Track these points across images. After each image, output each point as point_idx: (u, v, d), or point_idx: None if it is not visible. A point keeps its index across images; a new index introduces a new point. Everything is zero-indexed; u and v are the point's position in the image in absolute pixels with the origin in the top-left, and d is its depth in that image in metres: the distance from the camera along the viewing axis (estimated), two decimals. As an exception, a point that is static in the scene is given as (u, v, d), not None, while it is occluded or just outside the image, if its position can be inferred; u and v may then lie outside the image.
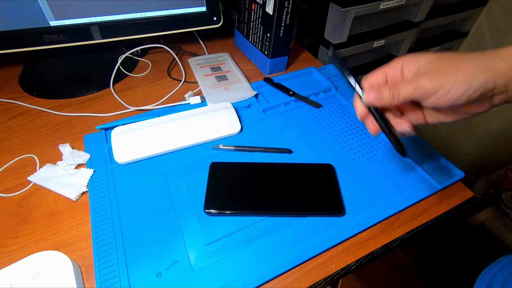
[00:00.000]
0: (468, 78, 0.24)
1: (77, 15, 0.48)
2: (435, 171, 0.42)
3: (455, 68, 0.24)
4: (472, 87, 0.24)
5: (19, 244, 0.34)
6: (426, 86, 0.25)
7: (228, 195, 0.38)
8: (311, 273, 0.33)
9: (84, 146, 0.44)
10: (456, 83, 0.24)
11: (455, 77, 0.24)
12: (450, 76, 0.24)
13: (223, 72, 0.58)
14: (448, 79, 0.24)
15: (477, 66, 0.24)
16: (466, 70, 0.24)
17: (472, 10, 0.93)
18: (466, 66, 0.24)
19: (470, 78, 0.24)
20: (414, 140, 0.46)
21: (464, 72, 0.24)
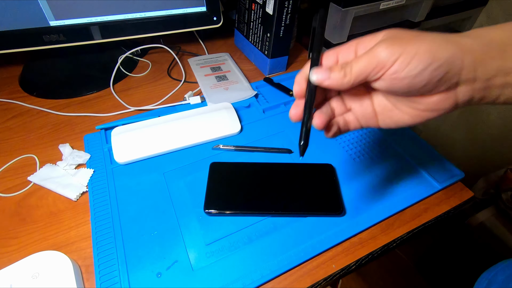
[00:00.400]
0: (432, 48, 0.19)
1: (77, 15, 0.48)
2: (435, 171, 0.42)
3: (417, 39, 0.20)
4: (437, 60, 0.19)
5: (19, 244, 0.34)
6: (381, 55, 0.20)
7: (228, 195, 0.38)
8: (311, 273, 0.33)
9: (84, 146, 0.44)
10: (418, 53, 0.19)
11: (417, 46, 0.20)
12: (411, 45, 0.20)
13: (223, 72, 0.58)
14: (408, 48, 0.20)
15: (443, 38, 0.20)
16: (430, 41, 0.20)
17: (472, 10, 0.93)
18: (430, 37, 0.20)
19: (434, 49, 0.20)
20: (414, 140, 0.46)
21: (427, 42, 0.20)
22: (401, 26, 0.80)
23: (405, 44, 0.20)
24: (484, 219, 0.88)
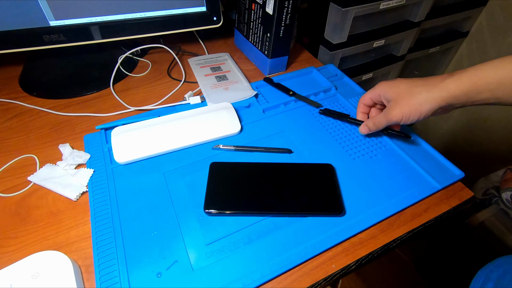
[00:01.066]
0: (418, 110, 0.36)
1: (77, 15, 0.48)
2: (435, 171, 0.42)
3: (408, 102, 0.36)
4: (422, 114, 0.36)
5: (19, 244, 0.34)
6: (393, 119, 0.38)
7: (228, 195, 0.38)
8: (311, 273, 0.33)
9: (84, 146, 0.44)
10: (411, 114, 0.37)
11: (409, 111, 0.37)
12: (405, 108, 0.37)
13: (223, 72, 0.58)
14: (405, 111, 0.37)
15: (424, 100, 0.35)
16: (416, 104, 0.36)
17: (472, 10, 0.93)
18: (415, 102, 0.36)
19: (419, 110, 0.36)
20: (414, 140, 0.46)
21: (414, 106, 0.36)
22: (401, 26, 0.80)
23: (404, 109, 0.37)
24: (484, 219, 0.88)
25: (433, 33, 0.95)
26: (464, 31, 1.01)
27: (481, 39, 0.99)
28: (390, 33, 0.78)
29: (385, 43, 0.79)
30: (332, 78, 0.59)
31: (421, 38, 0.91)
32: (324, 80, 0.57)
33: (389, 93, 0.39)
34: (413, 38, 0.86)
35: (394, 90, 0.38)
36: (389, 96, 0.39)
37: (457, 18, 0.92)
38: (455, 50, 1.07)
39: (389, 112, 0.38)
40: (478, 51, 1.02)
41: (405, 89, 0.37)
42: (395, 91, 0.38)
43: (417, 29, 0.83)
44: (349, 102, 0.52)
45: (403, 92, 0.37)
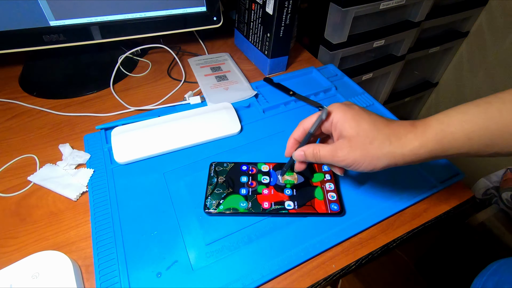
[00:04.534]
0: (372, 162, 0.29)
1: (77, 15, 0.48)
2: (435, 171, 0.42)
3: (365, 152, 0.29)
4: (376, 167, 0.30)
5: (19, 244, 0.34)
6: (341, 162, 0.31)
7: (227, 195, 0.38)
8: (311, 273, 0.33)
9: (84, 146, 0.44)
10: (364, 163, 0.30)
11: (363, 160, 0.29)
12: (360, 157, 0.29)
13: (223, 72, 0.58)
14: (359, 159, 0.30)
15: (382, 153, 0.29)
16: (372, 156, 0.29)
17: (472, 10, 0.93)
18: (373, 153, 0.29)
19: (373, 163, 0.29)
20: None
21: (370, 158, 0.29)
22: (401, 26, 0.80)
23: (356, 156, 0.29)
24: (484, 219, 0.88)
25: (433, 33, 0.95)
26: (464, 31, 1.01)
27: (481, 39, 0.99)
28: (390, 33, 0.78)
29: (385, 43, 0.79)
30: (332, 78, 0.59)
31: (421, 38, 0.91)
32: (324, 80, 0.57)
33: (346, 127, 0.30)
34: (413, 38, 0.86)
35: (353, 126, 0.30)
36: (346, 132, 0.30)
37: (457, 18, 0.92)
38: (455, 50, 1.07)
39: (339, 152, 0.30)
40: (478, 51, 1.02)
41: (367, 130, 0.29)
42: (354, 128, 0.30)
43: (417, 29, 0.83)
44: (349, 102, 0.52)
45: (364, 134, 0.29)
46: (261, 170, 0.40)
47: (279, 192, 0.38)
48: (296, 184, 0.39)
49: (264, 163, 0.41)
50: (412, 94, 1.14)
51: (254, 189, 0.38)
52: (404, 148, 0.29)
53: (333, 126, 0.32)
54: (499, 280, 0.41)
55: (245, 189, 0.38)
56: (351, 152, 0.30)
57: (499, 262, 0.44)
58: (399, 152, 0.29)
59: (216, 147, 0.44)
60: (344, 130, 0.30)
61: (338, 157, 0.30)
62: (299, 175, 0.40)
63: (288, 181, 0.39)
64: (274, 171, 0.40)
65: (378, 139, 0.29)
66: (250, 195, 0.37)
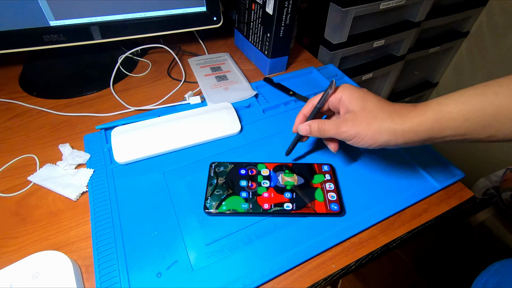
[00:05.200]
0: (373, 136, 0.31)
1: (77, 15, 0.48)
2: (435, 171, 0.42)
3: (368, 125, 0.31)
4: (377, 142, 0.31)
5: (19, 244, 0.34)
6: (344, 134, 0.32)
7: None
8: (311, 273, 0.33)
9: (84, 146, 0.44)
10: (365, 137, 0.31)
11: (365, 133, 0.31)
12: (363, 130, 0.31)
13: (223, 72, 0.58)
14: (361, 132, 0.31)
15: (384, 128, 0.30)
16: (375, 130, 0.31)
17: (472, 10, 0.93)
18: (375, 127, 0.31)
19: (376, 137, 0.31)
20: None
21: (372, 131, 0.31)
22: (401, 26, 0.80)
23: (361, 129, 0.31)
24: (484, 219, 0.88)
25: (433, 33, 0.95)
26: (464, 31, 1.01)
27: (481, 39, 0.99)
28: (390, 33, 0.78)
29: (385, 43, 0.79)
30: (332, 78, 0.59)
31: (421, 38, 0.91)
32: (324, 80, 0.57)
33: (353, 103, 0.32)
34: (413, 38, 0.86)
35: (359, 103, 0.32)
36: (352, 107, 0.32)
37: (457, 18, 0.92)
38: (455, 50, 1.07)
39: (343, 124, 0.32)
40: (478, 51, 1.02)
41: (372, 107, 0.31)
42: (360, 104, 0.32)
43: (417, 29, 0.83)
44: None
45: (369, 109, 0.31)
46: (261, 172, 0.40)
47: (279, 193, 0.38)
48: (296, 185, 0.39)
49: (264, 164, 0.41)
50: (412, 94, 1.14)
51: (254, 191, 0.38)
52: (404, 124, 0.30)
53: (341, 103, 0.34)
54: (499, 281, 0.41)
55: (244, 191, 0.38)
56: (355, 124, 0.31)
57: (499, 263, 0.44)
58: (399, 128, 0.30)
59: (216, 147, 0.44)
60: (350, 106, 0.32)
61: (342, 129, 0.32)
62: (299, 177, 0.40)
63: (288, 182, 0.39)
64: (274, 173, 0.40)
65: (381, 115, 0.31)
66: (250, 197, 0.37)
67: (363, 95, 0.32)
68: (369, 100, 0.32)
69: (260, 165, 0.41)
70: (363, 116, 0.31)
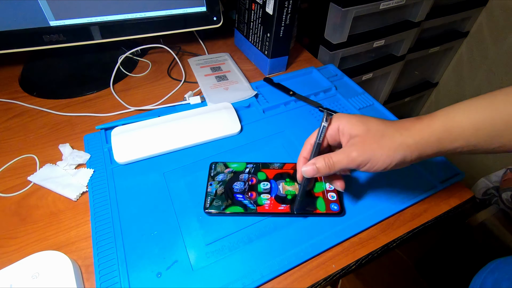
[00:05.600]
0: (390, 155, 0.29)
1: (77, 15, 0.48)
2: (435, 171, 0.42)
3: (379, 145, 0.29)
4: (394, 161, 0.29)
5: (19, 244, 0.34)
6: (358, 159, 0.29)
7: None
8: (311, 273, 0.33)
9: (84, 146, 0.44)
10: (381, 158, 0.29)
11: (380, 153, 0.29)
12: (377, 151, 0.29)
13: (223, 72, 0.58)
14: (375, 155, 0.29)
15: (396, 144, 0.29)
16: (389, 148, 0.29)
17: (472, 10, 0.93)
18: (388, 144, 0.29)
19: (392, 155, 0.29)
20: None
21: (387, 149, 0.29)
22: (401, 26, 0.80)
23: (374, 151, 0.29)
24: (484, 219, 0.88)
25: (433, 33, 0.95)
26: (464, 31, 1.01)
27: (481, 39, 0.99)
28: (390, 33, 0.78)
29: (385, 43, 0.79)
30: (332, 78, 0.59)
31: (421, 38, 0.91)
32: (324, 80, 0.57)
33: (355, 128, 0.30)
34: (413, 38, 0.86)
35: (361, 126, 0.30)
36: (355, 131, 0.30)
37: (457, 18, 0.92)
38: (455, 50, 1.07)
39: (352, 150, 0.29)
40: (478, 51, 1.02)
41: (376, 127, 0.29)
42: (362, 127, 0.30)
43: (417, 29, 0.83)
44: (349, 102, 0.52)
45: (374, 130, 0.29)
46: (261, 181, 0.39)
47: (279, 203, 0.37)
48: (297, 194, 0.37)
49: (264, 173, 0.40)
50: (412, 94, 1.14)
51: (254, 200, 0.37)
52: (415, 137, 0.29)
53: (340, 132, 0.31)
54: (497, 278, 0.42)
55: (244, 200, 0.37)
56: (366, 147, 0.29)
57: (496, 261, 0.44)
58: (411, 141, 0.28)
59: (216, 147, 0.44)
60: (353, 131, 0.30)
61: (352, 155, 0.29)
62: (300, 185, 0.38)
63: (289, 191, 0.38)
64: (275, 181, 0.39)
65: (389, 132, 0.29)
66: (250, 206, 0.36)
67: (362, 119, 0.30)
68: (370, 121, 0.30)
69: (260, 174, 0.40)
70: (371, 137, 0.29)
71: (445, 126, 0.28)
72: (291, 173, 0.40)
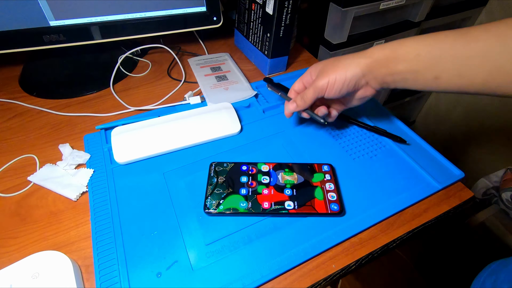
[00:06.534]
0: (343, 73, 0.36)
1: (77, 15, 0.48)
2: (435, 171, 0.42)
3: (334, 68, 0.36)
4: (347, 79, 0.36)
5: (19, 244, 0.34)
6: (319, 84, 0.37)
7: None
8: (311, 273, 0.33)
9: (84, 146, 0.44)
10: (336, 78, 0.36)
11: (334, 75, 0.36)
12: (332, 74, 0.36)
13: (223, 72, 0.58)
14: (331, 76, 0.36)
15: (348, 64, 0.36)
16: (341, 69, 0.36)
17: (472, 10, 0.93)
18: (341, 66, 0.36)
19: (344, 73, 0.36)
20: (415, 140, 0.46)
21: (339, 70, 0.36)
22: (401, 26, 0.80)
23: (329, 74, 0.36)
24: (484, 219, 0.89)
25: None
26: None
27: (481, 39, 0.99)
28: (390, 33, 0.78)
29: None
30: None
31: (421, 38, 0.91)
32: (324, 80, 0.57)
33: (317, 67, 0.39)
34: (413, 38, 0.86)
35: (323, 63, 0.39)
36: (317, 69, 0.39)
37: (457, 18, 0.92)
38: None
39: (315, 81, 0.38)
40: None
41: (334, 60, 0.37)
42: (324, 63, 0.39)
43: (417, 29, 0.83)
44: (349, 102, 0.52)
45: (330, 62, 0.38)
46: (261, 170, 0.40)
47: (279, 192, 0.38)
48: (296, 184, 0.39)
49: (264, 163, 0.41)
50: (412, 94, 1.14)
51: (254, 189, 0.38)
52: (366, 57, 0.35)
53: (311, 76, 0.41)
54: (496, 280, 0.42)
55: (245, 189, 0.38)
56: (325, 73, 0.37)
57: (496, 262, 0.44)
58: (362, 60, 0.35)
59: (216, 147, 0.44)
60: (317, 70, 0.40)
61: (316, 84, 0.37)
62: (299, 175, 0.40)
63: (288, 181, 0.39)
64: (274, 171, 0.40)
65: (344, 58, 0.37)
66: (250, 195, 0.37)
67: (324, 61, 0.39)
68: (330, 59, 0.38)
69: (260, 164, 0.41)
70: (329, 65, 0.37)
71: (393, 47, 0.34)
72: (290, 165, 0.41)
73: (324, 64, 0.38)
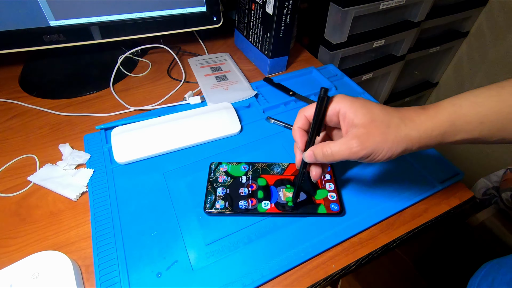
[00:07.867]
0: (391, 148, 0.28)
1: (77, 15, 0.48)
2: (435, 171, 0.42)
3: (384, 137, 0.27)
4: (394, 154, 0.28)
5: (19, 244, 0.34)
6: (360, 153, 0.28)
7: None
8: (311, 273, 0.33)
9: (84, 146, 0.44)
10: (382, 152, 0.28)
11: (381, 147, 0.28)
12: (380, 144, 0.28)
13: (223, 72, 0.58)
14: (377, 148, 0.28)
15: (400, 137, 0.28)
16: (392, 141, 0.28)
17: (472, 10, 0.93)
18: (392, 138, 0.28)
19: (393, 148, 0.28)
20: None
21: (389, 143, 0.27)
22: (401, 26, 0.80)
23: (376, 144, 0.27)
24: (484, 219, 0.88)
25: (433, 33, 0.95)
26: (464, 31, 1.01)
27: (481, 39, 0.99)
28: (390, 33, 0.78)
29: (385, 43, 0.79)
30: (332, 78, 0.59)
31: (421, 38, 0.91)
32: (324, 80, 0.57)
33: (358, 115, 0.28)
34: (413, 38, 0.86)
35: (365, 114, 0.28)
36: (359, 120, 0.28)
37: (457, 18, 0.92)
38: (455, 50, 1.07)
39: (354, 142, 0.28)
40: (478, 51, 1.02)
41: (381, 117, 0.28)
42: (366, 116, 0.28)
43: (417, 29, 0.83)
44: (349, 102, 0.52)
45: (379, 120, 0.28)
46: (261, 187, 0.38)
47: (280, 210, 0.36)
48: (298, 202, 0.37)
49: (265, 179, 0.39)
50: (412, 94, 1.14)
51: (254, 207, 0.36)
52: (419, 129, 0.28)
53: (341, 116, 0.29)
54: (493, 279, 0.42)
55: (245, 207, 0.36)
56: (370, 139, 0.27)
57: (491, 262, 0.44)
58: (414, 134, 0.28)
59: (216, 147, 0.44)
60: (356, 118, 0.28)
61: (354, 148, 0.27)
62: (301, 192, 0.38)
63: (290, 198, 0.37)
64: (275, 188, 0.38)
65: (394, 123, 0.28)
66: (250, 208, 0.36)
67: (366, 104, 0.28)
68: (374, 109, 0.28)
69: (261, 180, 0.39)
70: (375, 128, 0.27)
71: (450, 119, 0.27)
72: (291, 179, 0.39)
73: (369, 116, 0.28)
